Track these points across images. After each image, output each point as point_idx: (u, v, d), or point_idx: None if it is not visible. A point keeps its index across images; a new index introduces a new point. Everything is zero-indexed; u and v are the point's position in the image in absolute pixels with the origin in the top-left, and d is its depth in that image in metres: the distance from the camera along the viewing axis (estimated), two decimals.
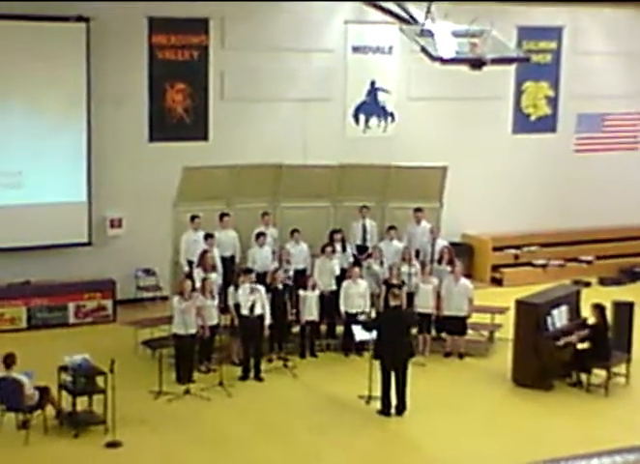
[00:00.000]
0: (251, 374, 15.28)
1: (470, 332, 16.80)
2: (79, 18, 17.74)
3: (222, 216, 17.05)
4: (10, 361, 12.91)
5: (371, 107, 20.76)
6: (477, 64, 13.93)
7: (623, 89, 22.70)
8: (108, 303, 18.08)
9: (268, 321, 15.41)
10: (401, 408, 13.93)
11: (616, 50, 22.47)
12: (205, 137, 19.25)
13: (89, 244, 18.50)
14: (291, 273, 16.57)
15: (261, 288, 15.40)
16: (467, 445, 12.95)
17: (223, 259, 16.67)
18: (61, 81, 17.85)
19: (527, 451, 12.09)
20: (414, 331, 15.26)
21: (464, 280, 16.68)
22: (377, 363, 13.99)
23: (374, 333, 14.06)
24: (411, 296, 16.44)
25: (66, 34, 17.75)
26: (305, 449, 12.80)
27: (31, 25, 17.37)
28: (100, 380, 13.21)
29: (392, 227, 17.54)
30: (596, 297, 16.60)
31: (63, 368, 13.35)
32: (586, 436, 12.92)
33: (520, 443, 12.91)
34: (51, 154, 17.94)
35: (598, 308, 15.25)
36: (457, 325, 16.47)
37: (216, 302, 15.46)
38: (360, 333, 14.67)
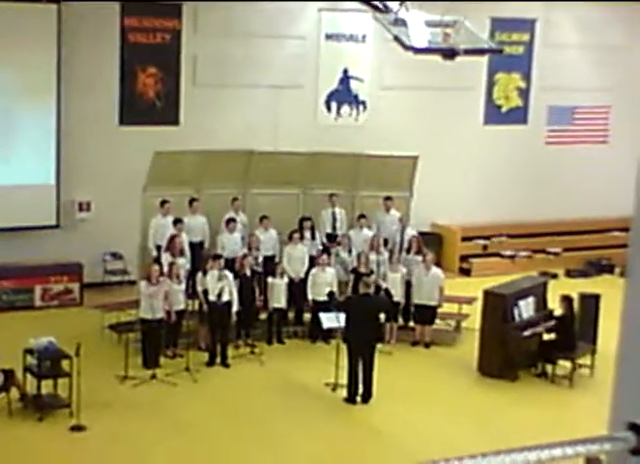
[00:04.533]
0: (218, 360, 15.27)
1: (437, 321, 16.85)
2: (50, 0, 17.60)
3: (192, 201, 17.00)
4: None
5: (343, 95, 20.71)
6: (449, 54, 13.91)
7: (593, 82, 22.76)
8: (75, 286, 17.97)
9: (235, 307, 15.41)
10: (367, 396, 13.95)
11: (587, 43, 22.52)
12: (176, 122, 19.15)
13: (57, 226, 18.38)
14: (260, 259, 16.57)
15: (229, 274, 15.38)
16: (431, 434, 13.00)
17: (192, 245, 16.61)
18: (31, 63, 17.70)
19: (491, 441, 12.12)
20: (382, 318, 15.25)
21: (435, 269, 16.71)
22: (344, 351, 14.00)
23: (342, 321, 14.08)
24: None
25: (36, 15, 17.58)
26: (270, 436, 12.80)
27: (1, 6, 17.20)
28: (65, 363, 13.17)
29: (362, 216, 17.55)
30: (563, 288, 16.69)
31: (28, 351, 13.29)
32: (550, 426, 13.00)
33: (484, 432, 12.97)
34: (20, 136, 17.79)
35: (567, 300, 15.33)
36: (427, 314, 16.50)
37: (183, 286, 15.43)
38: (327, 321, 14.68)
